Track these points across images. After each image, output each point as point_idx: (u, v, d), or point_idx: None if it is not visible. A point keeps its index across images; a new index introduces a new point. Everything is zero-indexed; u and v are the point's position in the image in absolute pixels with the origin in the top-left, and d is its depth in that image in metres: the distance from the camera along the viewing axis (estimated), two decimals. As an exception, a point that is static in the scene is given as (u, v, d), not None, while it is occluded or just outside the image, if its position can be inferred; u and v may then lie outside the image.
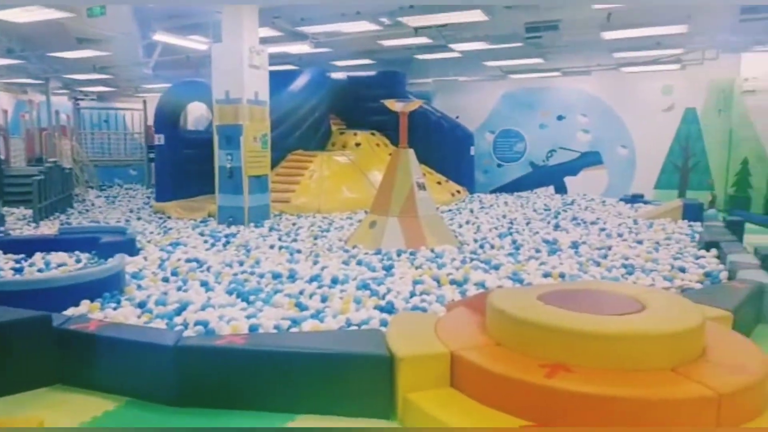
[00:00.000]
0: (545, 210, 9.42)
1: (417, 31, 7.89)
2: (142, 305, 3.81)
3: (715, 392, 2.19)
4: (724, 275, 4.69)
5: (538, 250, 5.85)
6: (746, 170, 10.26)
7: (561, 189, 12.48)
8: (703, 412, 2.19)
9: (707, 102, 10.81)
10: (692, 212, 7.88)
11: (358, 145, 10.84)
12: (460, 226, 7.63)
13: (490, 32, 8.19)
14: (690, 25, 7.41)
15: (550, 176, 12.65)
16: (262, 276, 4.66)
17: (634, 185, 11.56)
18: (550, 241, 6.37)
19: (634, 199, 10.62)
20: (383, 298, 4.01)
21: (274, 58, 9.25)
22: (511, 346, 2.60)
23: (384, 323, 3.34)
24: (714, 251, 5.58)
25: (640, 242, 6.29)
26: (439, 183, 10.95)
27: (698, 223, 7.49)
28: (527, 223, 7.86)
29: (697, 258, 5.41)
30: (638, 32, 7.70)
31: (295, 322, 3.40)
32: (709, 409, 2.18)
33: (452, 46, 9.06)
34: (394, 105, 6.15)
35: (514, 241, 6.37)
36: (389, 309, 3.72)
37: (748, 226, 7.50)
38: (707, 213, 8.12)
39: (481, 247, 6.08)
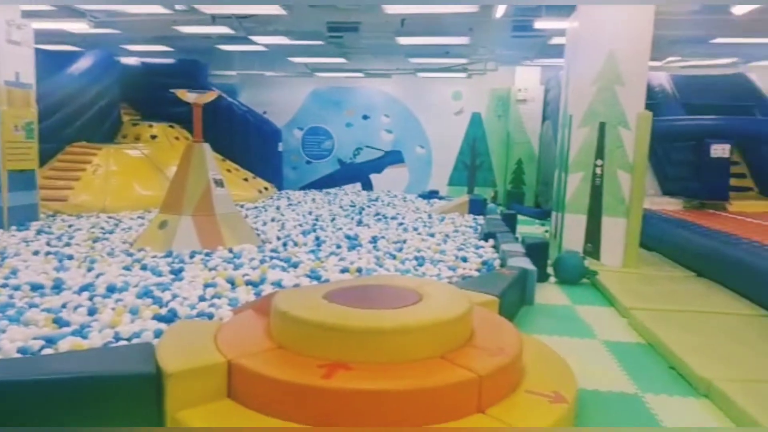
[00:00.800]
0: (351, 206, 9.66)
1: (214, 19, 7.47)
2: None
3: (476, 374, 2.35)
4: (497, 263, 5.22)
5: (339, 246, 5.92)
6: (521, 169, 11.72)
7: (367, 186, 12.96)
8: (466, 394, 2.34)
9: (489, 108, 12.10)
10: (476, 207, 8.73)
11: (153, 137, 9.95)
12: (265, 223, 7.43)
13: (291, 28, 8.10)
14: (472, 37, 8.16)
15: (357, 173, 13.05)
16: (17, 288, 3.94)
17: (431, 182, 12.50)
18: (352, 236, 6.51)
19: (431, 195, 11.48)
20: (166, 305, 3.67)
21: (47, 36, 8.03)
22: (292, 348, 2.52)
23: (160, 334, 3.02)
24: (491, 241, 6.22)
25: (432, 235, 6.75)
26: (245, 179, 10.57)
27: (481, 217, 8.32)
28: (332, 220, 7.96)
29: (478, 248, 5.97)
30: (428, 40, 8.27)
31: (51, 341, 2.91)
32: (471, 391, 2.34)
33: (255, 38, 8.79)
34: (185, 95, 5.71)
35: (317, 238, 6.37)
36: (170, 318, 3.40)
37: (520, 217, 8.57)
38: (489, 207, 9.06)
39: (284, 245, 5.97)
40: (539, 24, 7.18)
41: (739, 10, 6.03)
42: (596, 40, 5.62)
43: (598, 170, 5.72)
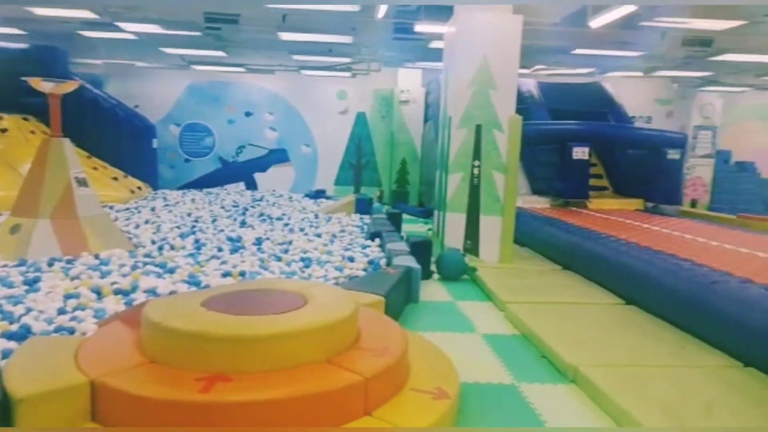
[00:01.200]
0: (234, 207, 9.29)
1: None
2: None
3: (362, 377, 2.34)
4: (383, 262, 5.28)
5: (220, 249, 5.66)
6: (405, 169, 12.01)
7: (251, 185, 12.56)
8: (352, 397, 2.31)
9: (373, 108, 12.25)
10: (362, 206, 8.80)
11: (3, 131, 8.86)
12: (138, 226, 6.90)
13: (164, 16, 7.59)
14: (355, 37, 8.19)
15: (241, 172, 12.59)
16: None
17: (318, 181, 12.40)
18: (235, 238, 6.26)
19: (317, 194, 11.38)
20: (18, 321, 3.25)
21: None
22: (167, 362, 2.34)
23: (9, 354, 2.67)
24: (377, 241, 6.29)
25: (318, 235, 6.67)
26: (115, 178, 9.76)
27: (367, 216, 8.39)
28: (213, 221, 7.60)
29: (364, 248, 6.00)
30: (310, 37, 8.17)
31: None
32: (358, 394, 2.32)
33: (122, 25, 8.12)
34: (40, 84, 5.13)
35: (196, 241, 6.04)
36: (22, 335, 3.01)
37: (405, 216, 8.77)
38: (375, 206, 9.17)
39: (160, 249, 5.58)
40: (419, 27, 7.37)
41: (595, 23, 6.61)
42: (471, 46, 5.88)
43: (476, 171, 6.00)
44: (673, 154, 9.17)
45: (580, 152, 8.85)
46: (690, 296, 3.83)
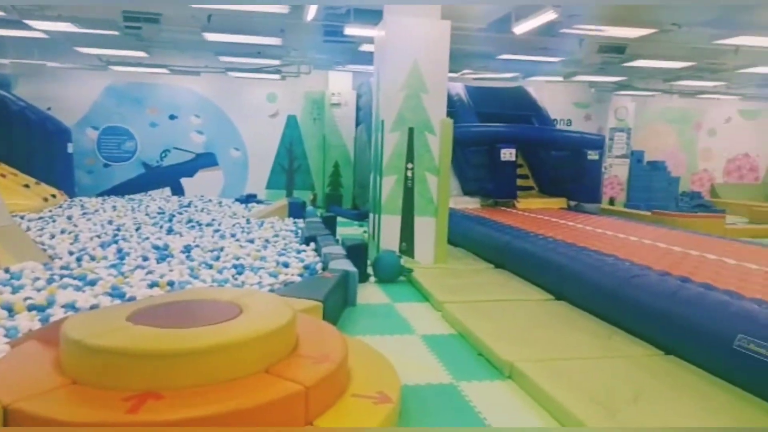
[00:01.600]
0: (159, 213, 8.89)
1: (-23, -5, 6.28)
2: None
3: (302, 386, 2.27)
4: (319, 267, 5.21)
5: (146, 258, 5.38)
6: (338, 172, 11.97)
7: (178, 190, 12.08)
8: (293, 407, 2.25)
9: (305, 111, 12.13)
10: (296, 210, 8.66)
11: None
12: (53, 236, 6.44)
13: (78, 14, 7.15)
14: (284, 39, 8.07)
15: (166, 177, 12.09)
16: None
17: (248, 186, 12.11)
18: (161, 246, 5.97)
19: (248, 199, 11.11)
20: None
21: None
22: (90, 382, 2.18)
23: None
24: (312, 245, 6.20)
25: (251, 241, 6.49)
26: (26, 186, 9.10)
27: (301, 220, 8.27)
28: (137, 229, 7.22)
29: (299, 252, 5.90)
30: (236, 38, 7.96)
31: None
32: (298, 403, 2.26)
33: (31, 23, 7.59)
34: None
35: (119, 250, 5.72)
36: None
37: (340, 219, 8.72)
38: (308, 210, 9.06)
39: (78, 260, 5.24)
40: (349, 30, 7.36)
41: (519, 30, 6.85)
42: (402, 50, 5.94)
43: (409, 173, 6.05)
44: (592, 155, 9.66)
45: (508, 153, 9.14)
46: (614, 290, 4.02)
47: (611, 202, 12.83)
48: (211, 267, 5.13)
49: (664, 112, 14.24)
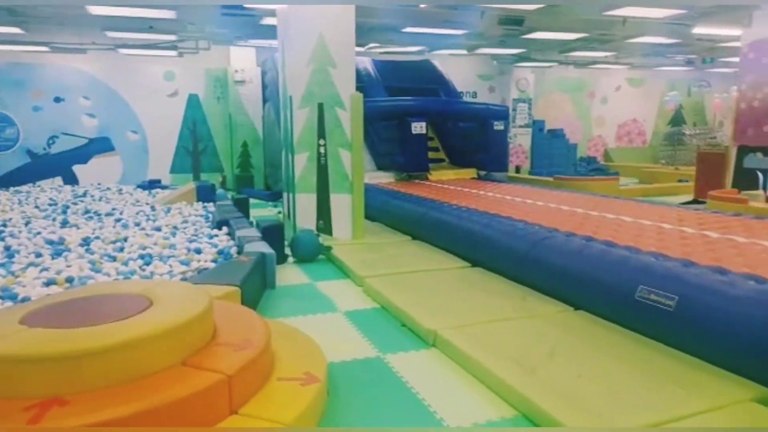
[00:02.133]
0: (51, 205, 8.18)
1: None
2: None
3: (223, 374, 2.18)
4: (234, 251, 5.02)
5: (39, 254, 4.93)
6: (247, 152, 11.55)
7: (71, 179, 11.16)
8: (216, 397, 2.15)
9: (207, 89, 11.54)
10: (205, 193, 8.29)
11: None
12: (-76, 238, 5.75)
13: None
14: (178, 12, 7.57)
15: (56, 166, 11.11)
16: None
17: (150, 171, 11.42)
18: (56, 241, 5.50)
19: (152, 184, 10.49)
20: None
21: None
22: (-19, 395, 1.95)
23: None
24: (225, 229, 5.96)
25: (158, 229, 6.14)
26: None
27: (211, 204, 7.93)
28: (27, 223, 6.61)
29: (211, 237, 5.65)
30: (125, 11, 7.38)
31: None
32: (221, 393, 2.16)
33: None
34: None
35: (7, 248, 5.20)
36: None
37: (253, 201, 8.45)
38: (218, 193, 8.70)
39: (-43, 262, 4.71)
40: (249, 3, 7.03)
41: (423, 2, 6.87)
42: (306, 23, 5.76)
43: (322, 149, 5.94)
44: (498, 126, 9.98)
45: (418, 127, 9.23)
46: (525, 253, 4.20)
47: (517, 170, 13.39)
48: (114, 259, 4.80)
49: (561, 82, 14.96)
